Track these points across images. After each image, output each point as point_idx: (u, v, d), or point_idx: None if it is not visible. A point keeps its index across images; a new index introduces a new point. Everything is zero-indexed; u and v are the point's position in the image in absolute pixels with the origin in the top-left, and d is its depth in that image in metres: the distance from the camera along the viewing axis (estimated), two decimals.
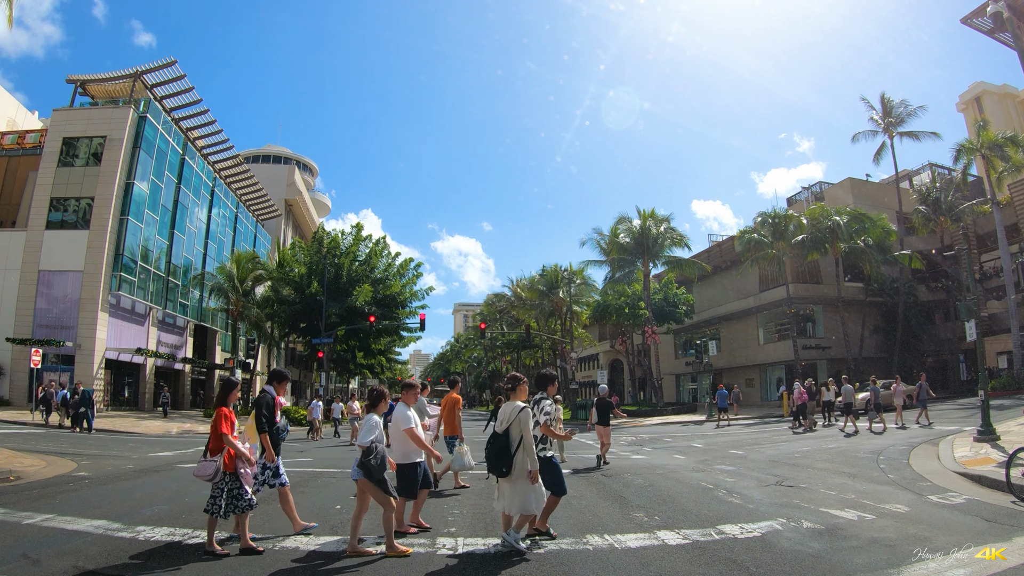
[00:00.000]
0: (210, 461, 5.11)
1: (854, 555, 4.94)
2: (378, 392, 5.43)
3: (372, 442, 5.02)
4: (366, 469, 4.97)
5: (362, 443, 5.02)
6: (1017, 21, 25.62)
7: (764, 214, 33.77)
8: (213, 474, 5.07)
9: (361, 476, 5.03)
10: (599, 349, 52.97)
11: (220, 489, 5.09)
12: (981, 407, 11.76)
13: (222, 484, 5.08)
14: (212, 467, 5.07)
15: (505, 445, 5.10)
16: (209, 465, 5.08)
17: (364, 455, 4.98)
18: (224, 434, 5.09)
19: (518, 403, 5.23)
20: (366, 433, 5.07)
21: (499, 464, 5.09)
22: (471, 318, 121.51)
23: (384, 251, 35.51)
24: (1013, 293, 27.52)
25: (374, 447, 5.01)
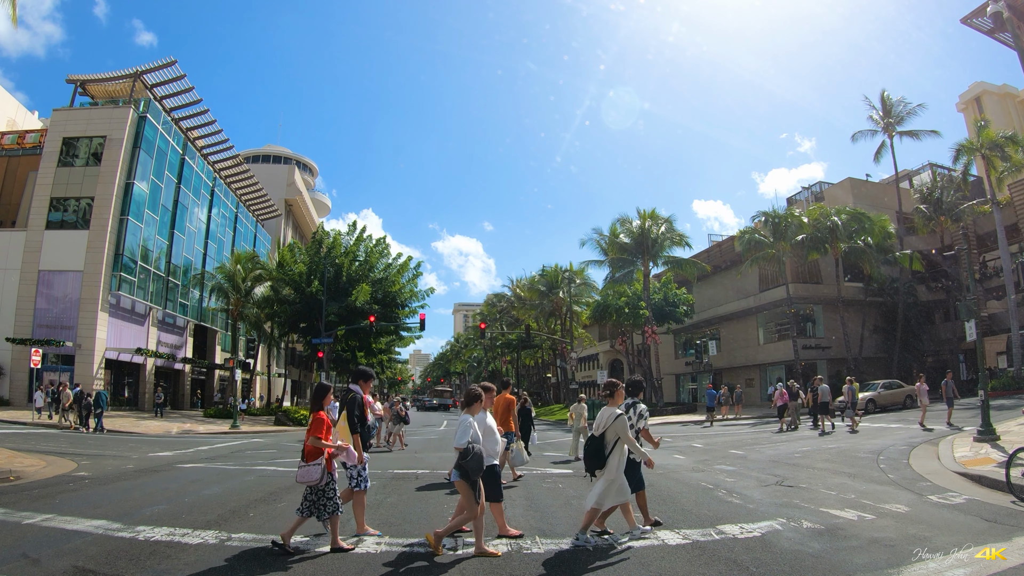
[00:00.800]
0: (314, 466, 5.19)
1: (854, 555, 4.94)
2: (474, 393, 5.36)
3: (468, 443, 5.00)
4: (463, 471, 4.98)
5: (459, 445, 5.00)
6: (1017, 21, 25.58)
7: (765, 213, 33.77)
8: (319, 479, 5.17)
9: (458, 478, 5.04)
10: (599, 349, 52.98)
11: (322, 491, 5.22)
12: (981, 407, 11.76)
13: (326, 488, 5.22)
14: (318, 471, 5.18)
15: (600, 447, 5.47)
16: (314, 470, 5.18)
17: (461, 457, 4.97)
18: (320, 438, 5.20)
19: (615, 410, 5.53)
20: (462, 435, 5.05)
21: (594, 464, 5.49)
22: (471, 318, 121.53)
23: (384, 251, 35.50)
24: (1013, 293, 27.52)
25: (470, 448, 4.99)
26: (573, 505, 7.35)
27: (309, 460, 5.22)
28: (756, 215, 34.67)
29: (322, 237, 36.86)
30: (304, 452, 5.28)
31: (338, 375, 47.36)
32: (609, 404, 5.61)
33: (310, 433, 5.26)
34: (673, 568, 4.69)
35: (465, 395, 5.40)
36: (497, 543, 5.38)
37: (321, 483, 5.20)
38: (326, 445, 5.23)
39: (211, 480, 9.72)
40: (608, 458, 5.40)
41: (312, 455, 5.23)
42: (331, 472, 5.28)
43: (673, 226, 35.25)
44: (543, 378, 60.84)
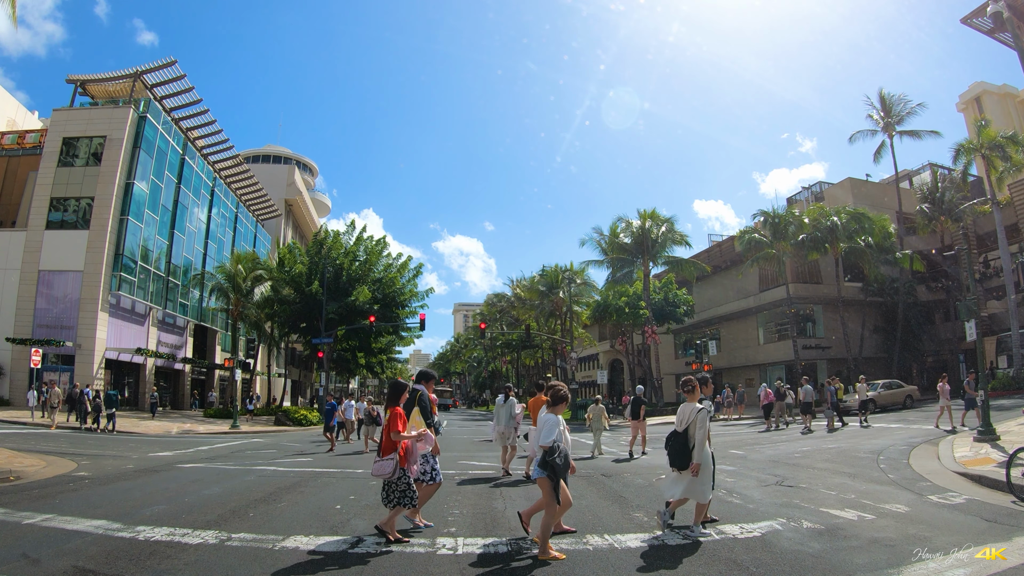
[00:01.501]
0: (387, 460, 5.40)
1: (854, 555, 4.93)
2: (562, 393, 5.40)
3: (554, 441, 5.04)
4: (551, 468, 4.99)
5: (544, 443, 5.02)
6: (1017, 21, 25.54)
7: (764, 213, 33.77)
8: (392, 472, 5.39)
9: (543, 475, 5.01)
10: (599, 349, 52.96)
11: (394, 484, 5.42)
12: (981, 407, 11.76)
13: (399, 480, 5.42)
14: (391, 465, 5.39)
15: (684, 442, 5.69)
16: (388, 464, 5.39)
17: (547, 454, 4.99)
18: (399, 432, 5.43)
19: (696, 404, 5.74)
20: (548, 433, 5.07)
21: (679, 459, 5.69)
22: (471, 318, 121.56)
23: (384, 251, 35.51)
24: (1013, 293, 27.51)
25: (556, 446, 5.03)
26: (573, 505, 7.32)
27: (384, 455, 5.45)
28: (756, 215, 34.70)
29: (322, 237, 36.87)
30: (380, 447, 5.52)
31: (338, 375, 47.39)
32: (688, 400, 5.85)
33: (388, 428, 5.49)
34: (673, 568, 4.69)
35: (552, 395, 5.38)
36: None
37: (393, 476, 5.42)
38: (405, 437, 5.46)
39: (211, 480, 9.72)
40: (693, 451, 5.63)
41: (387, 449, 5.45)
42: (404, 467, 5.46)
43: (673, 226, 35.27)
44: (543, 378, 60.86)
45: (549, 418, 5.20)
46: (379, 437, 17.36)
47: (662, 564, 4.80)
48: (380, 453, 5.51)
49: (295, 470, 11.04)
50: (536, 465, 5.12)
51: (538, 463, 5.08)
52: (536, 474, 5.09)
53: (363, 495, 8.20)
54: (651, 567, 4.72)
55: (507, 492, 8.34)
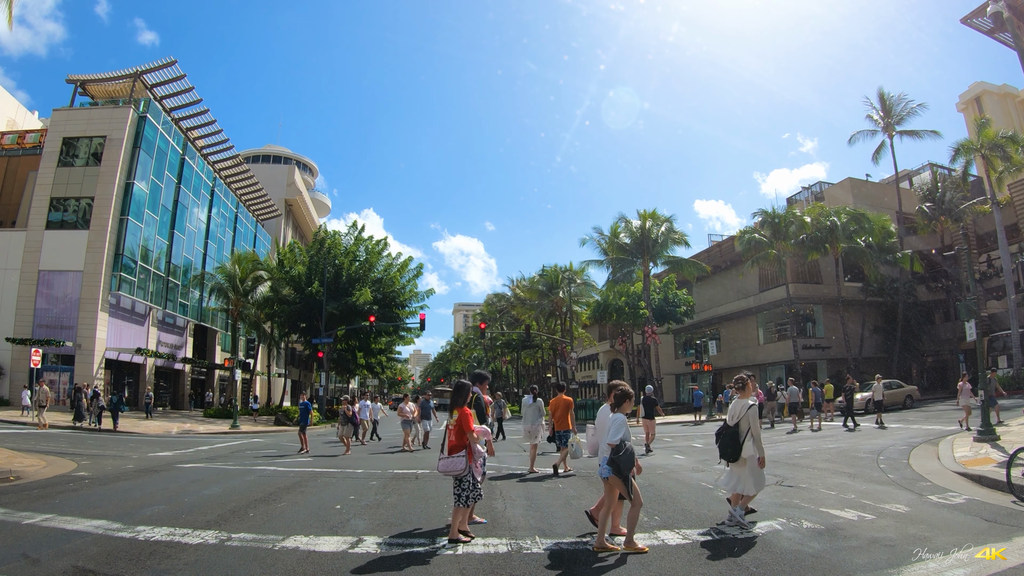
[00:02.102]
0: (458, 458, 5.52)
1: (854, 555, 4.93)
2: (626, 392, 5.49)
3: (621, 440, 5.17)
4: (616, 466, 5.11)
5: (612, 441, 5.13)
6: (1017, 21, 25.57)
7: (764, 213, 33.77)
8: (463, 470, 5.50)
9: (611, 473, 5.13)
10: (599, 349, 52.96)
11: (463, 482, 5.53)
12: (981, 407, 11.75)
13: (468, 478, 5.54)
14: (462, 463, 5.51)
15: (735, 436, 5.98)
16: (458, 461, 5.51)
17: (615, 452, 5.11)
18: (471, 432, 5.57)
19: (747, 400, 6.04)
20: (615, 431, 5.19)
21: (730, 452, 5.96)
22: (471, 318, 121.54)
23: (384, 251, 35.51)
24: (1013, 293, 27.51)
25: (623, 444, 5.15)
26: (573, 505, 7.35)
27: (452, 453, 5.56)
28: (756, 215, 34.72)
29: (322, 237, 36.87)
30: (447, 445, 5.63)
31: (338, 375, 47.36)
32: (740, 397, 6.16)
33: (457, 426, 5.60)
34: (673, 568, 4.69)
35: (615, 394, 5.46)
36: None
37: (464, 473, 5.53)
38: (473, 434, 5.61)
39: (211, 480, 9.72)
40: (743, 445, 5.92)
41: (455, 448, 5.56)
42: (471, 464, 5.57)
43: (673, 226, 35.28)
44: (543, 378, 60.81)
45: (618, 417, 5.31)
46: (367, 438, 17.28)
47: (662, 564, 4.79)
48: (446, 451, 5.62)
49: (295, 470, 11.04)
50: (604, 463, 5.23)
51: (606, 461, 5.18)
52: (604, 472, 5.21)
53: (363, 495, 8.20)
54: (650, 567, 4.72)
55: (507, 492, 8.34)
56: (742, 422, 5.98)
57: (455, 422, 5.64)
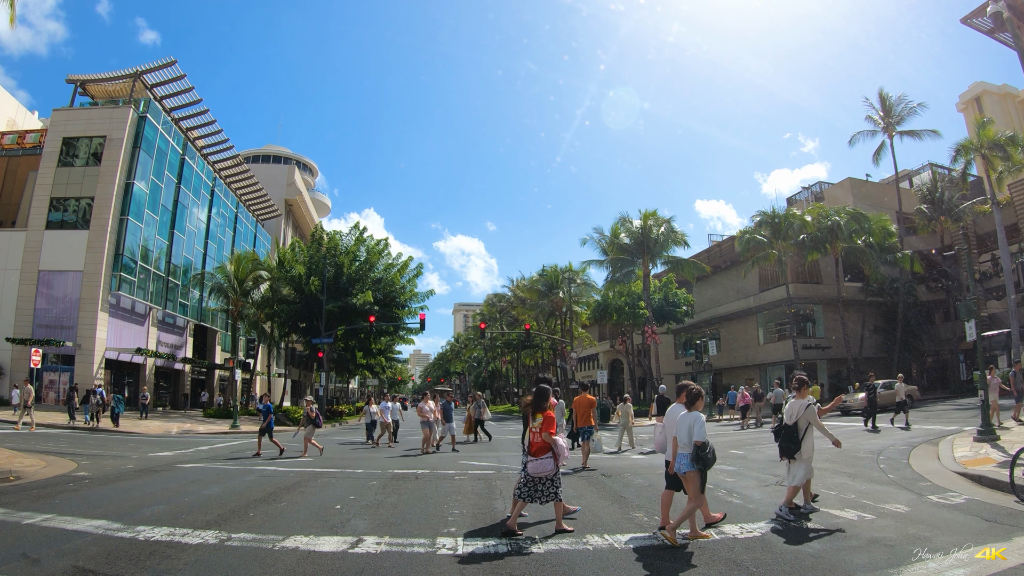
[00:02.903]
0: (546, 459, 5.81)
1: (854, 555, 4.93)
2: (697, 391, 5.74)
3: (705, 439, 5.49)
4: (703, 462, 5.41)
5: (699, 439, 5.41)
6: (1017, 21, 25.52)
7: (764, 214, 33.78)
8: (552, 470, 5.81)
9: (692, 469, 5.41)
10: (599, 349, 52.95)
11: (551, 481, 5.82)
12: (981, 407, 11.74)
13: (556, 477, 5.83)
14: (551, 464, 5.81)
15: (794, 433, 6.35)
16: (548, 463, 5.80)
17: (701, 449, 5.39)
18: (550, 434, 5.82)
19: (805, 400, 6.41)
20: (699, 429, 5.45)
21: (790, 448, 6.35)
22: (471, 318, 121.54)
23: (384, 251, 35.49)
24: (1013, 293, 27.50)
25: (706, 442, 5.45)
26: (572, 505, 7.34)
27: (539, 455, 5.83)
28: (757, 215, 34.72)
29: (322, 236, 36.85)
30: (532, 447, 5.90)
31: (338, 375, 47.34)
32: (797, 397, 6.50)
33: (543, 429, 5.85)
34: (673, 568, 4.69)
35: (688, 393, 5.71)
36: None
37: (554, 473, 5.81)
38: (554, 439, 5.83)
39: (211, 480, 9.72)
40: (802, 442, 6.31)
41: (542, 450, 5.82)
42: (558, 464, 5.85)
43: (673, 226, 35.24)
44: (538, 377, 60.77)
45: (699, 416, 5.57)
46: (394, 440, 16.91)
47: (661, 564, 4.80)
48: (532, 453, 5.88)
49: (295, 470, 11.04)
50: (683, 458, 5.49)
51: (691, 458, 5.43)
52: (686, 467, 5.46)
53: (363, 495, 8.20)
54: (650, 567, 4.72)
55: (507, 492, 8.33)
56: (800, 420, 6.36)
57: (539, 425, 5.87)
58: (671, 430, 5.74)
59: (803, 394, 6.48)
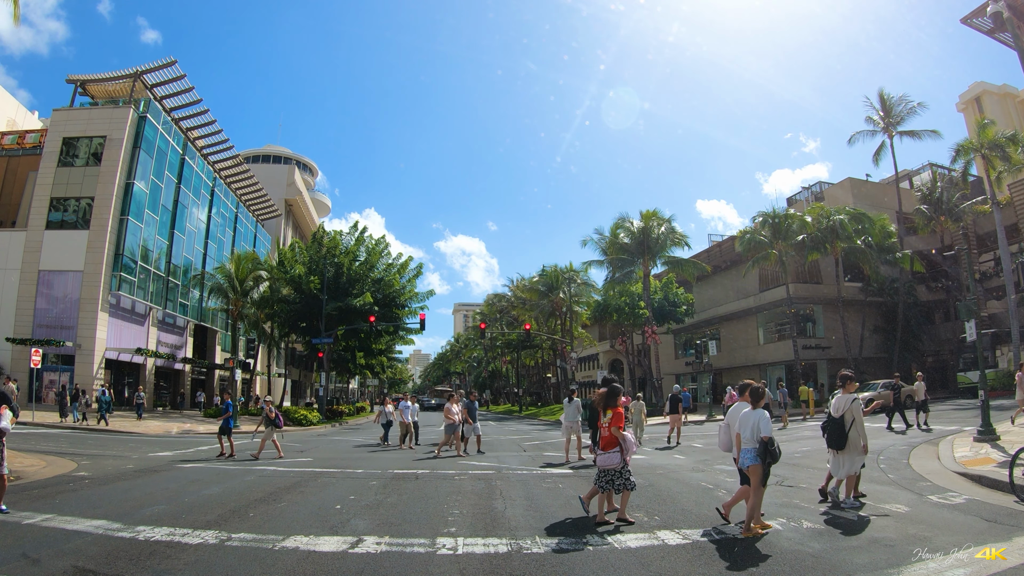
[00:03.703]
0: (613, 453, 6.14)
1: (854, 555, 4.94)
2: (761, 390, 6.03)
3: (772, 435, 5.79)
4: (772, 456, 5.71)
5: (766, 434, 5.71)
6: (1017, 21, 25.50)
7: (764, 214, 33.78)
8: (619, 464, 6.13)
9: (756, 463, 5.69)
10: (599, 349, 52.96)
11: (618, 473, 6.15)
12: (981, 407, 11.74)
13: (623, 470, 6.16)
14: (618, 458, 6.13)
15: (841, 426, 6.76)
16: (615, 456, 6.13)
17: (769, 444, 5.68)
18: (619, 428, 6.18)
19: (850, 395, 6.86)
20: (766, 425, 5.74)
21: (837, 441, 6.74)
22: (471, 318, 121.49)
23: (384, 250, 35.49)
24: (1013, 293, 27.50)
25: (772, 437, 5.74)
26: (573, 505, 7.34)
27: (608, 449, 6.16)
28: (757, 215, 34.71)
29: (322, 236, 36.85)
30: (601, 441, 6.25)
31: (338, 375, 47.34)
32: (843, 392, 6.93)
33: (612, 424, 6.21)
34: (673, 568, 4.69)
35: (751, 392, 5.99)
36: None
37: (620, 466, 6.13)
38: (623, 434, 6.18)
39: (211, 480, 9.72)
40: (848, 434, 6.69)
41: (611, 444, 6.15)
42: (624, 458, 6.16)
43: (674, 227, 35.21)
44: (543, 378, 60.81)
45: (764, 413, 5.85)
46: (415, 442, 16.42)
47: (662, 564, 4.79)
48: (601, 447, 6.25)
49: (295, 470, 11.04)
50: (747, 453, 5.78)
51: (757, 452, 5.71)
52: (750, 461, 5.72)
53: (363, 495, 8.20)
54: (650, 567, 4.72)
55: (507, 492, 8.34)
56: (847, 414, 6.74)
57: (609, 421, 6.21)
58: (735, 428, 6.04)
59: (848, 389, 6.90)
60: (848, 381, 7.00)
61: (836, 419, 6.84)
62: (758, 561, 4.81)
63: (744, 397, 6.05)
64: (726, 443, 6.35)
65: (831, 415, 6.91)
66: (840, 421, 6.80)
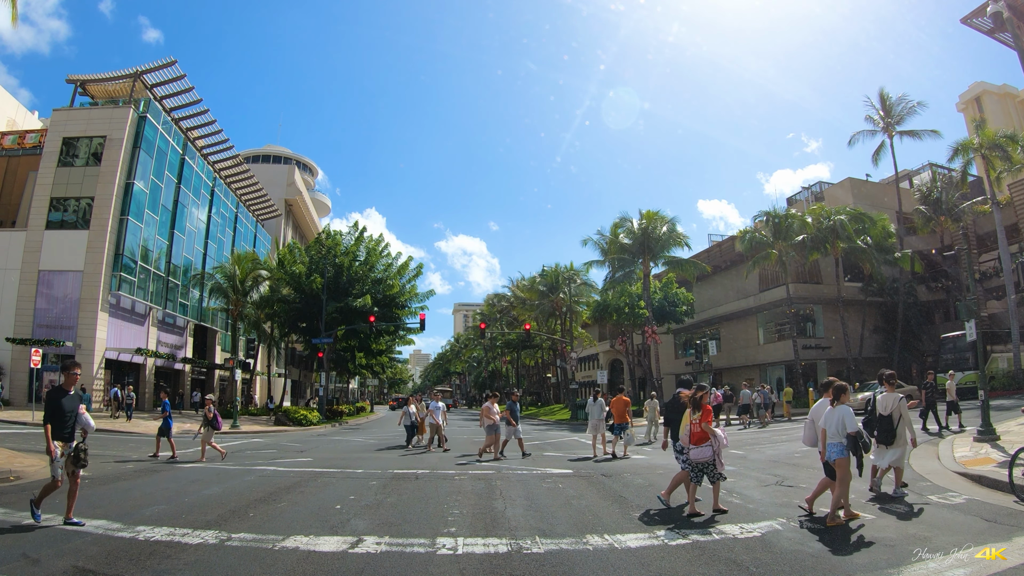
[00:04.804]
0: (705, 447, 6.63)
1: (854, 555, 4.94)
2: (843, 386, 6.32)
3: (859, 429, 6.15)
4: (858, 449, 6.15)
5: (852, 429, 6.05)
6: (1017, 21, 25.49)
7: (765, 213, 33.78)
8: (711, 457, 6.62)
9: (844, 456, 6.06)
10: (599, 349, 52.94)
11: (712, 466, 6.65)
12: (981, 407, 11.73)
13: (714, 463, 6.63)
14: (709, 451, 6.62)
15: (889, 423, 7.28)
16: (706, 450, 6.62)
17: (858, 438, 6.11)
18: (708, 424, 6.69)
19: (897, 394, 7.38)
20: (851, 421, 6.08)
21: (886, 436, 7.27)
22: (471, 318, 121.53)
23: (384, 251, 35.49)
24: (1013, 293, 27.49)
25: (860, 431, 6.14)
26: (573, 505, 7.35)
27: (699, 443, 6.64)
28: (758, 215, 34.70)
29: (322, 236, 36.84)
30: (692, 437, 6.71)
31: (338, 375, 47.32)
32: (888, 391, 7.40)
33: (702, 420, 6.69)
34: (673, 568, 4.69)
35: (835, 389, 6.31)
36: None
37: (712, 459, 6.60)
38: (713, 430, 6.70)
39: (211, 480, 9.71)
40: (896, 430, 7.22)
41: (702, 439, 6.65)
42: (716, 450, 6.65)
43: (675, 227, 35.21)
44: (543, 378, 60.78)
45: (848, 409, 6.15)
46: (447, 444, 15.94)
47: (661, 564, 4.79)
48: (693, 443, 6.70)
49: (295, 470, 11.04)
50: (834, 447, 6.11)
51: (840, 447, 6.07)
52: (838, 454, 6.07)
53: (363, 495, 8.20)
54: (650, 567, 4.72)
55: (507, 492, 8.34)
56: (895, 412, 7.27)
57: (699, 418, 6.71)
58: (819, 423, 6.39)
59: (893, 388, 7.41)
60: (893, 379, 7.46)
61: (885, 416, 7.34)
62: (758, 561, 4.81)
63: (827, 394, 6.37)
64: (811, 439, 6.76)
65: (880, 413, 7.37)
66: (889, 418, 7.33)
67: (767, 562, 4.78)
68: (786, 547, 5.19)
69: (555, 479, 9.65)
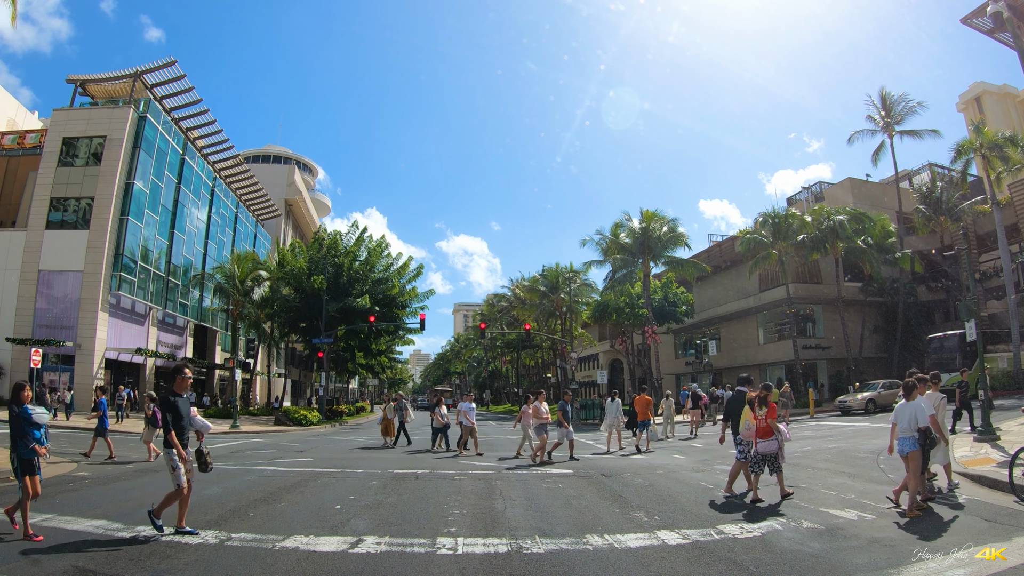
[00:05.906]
0: (771, 441, 7.21)
1: (854, 555, 4.94)
2: (912, 383, 6.73)
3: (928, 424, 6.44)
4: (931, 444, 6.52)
5: (923, 424, 6.36)
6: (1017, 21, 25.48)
7: (765, 214, 33.77)
8: (776, 449, 7.21)
9: (915, 449, 6.35)
10: (599, 349, 52.94)
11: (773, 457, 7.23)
12: (982, 407, 11.73)
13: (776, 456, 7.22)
14: (775, 444, 7.22)
15: None
16: (772, 443, 7.20)
17: (928, 433, 6.42)
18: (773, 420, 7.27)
19: (937, 395, 7.63)
20: (924, 416, 6.38)
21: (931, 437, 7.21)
22: (471, 318, 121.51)
23: (384, 251, 35.46)
24: (1013, 293, 27.48)
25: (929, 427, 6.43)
26: (573, 505, 7.35)
27: (766, 437, 7.19)
28: (758, 216, 34.71)
29: (322, 236, 36.82)
30: (759, 431, 7.23)
31: (338, 375, 47.31)
32: (933, 390, 7.63)
33: (768, 416, 7.23)
34: (673, 568, 4.69)
35: (904, 386, 6.84)
36: None
37: (776, 451, 7.20)
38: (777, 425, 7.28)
39: (211, 480, 9.69)
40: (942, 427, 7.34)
41: (768, 433, 7.19)
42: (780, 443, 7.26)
43: (675, 227, 35.20)
44: (543, 378, 60.78)
45: (918, 405, 6.51)
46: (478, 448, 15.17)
47: (661, 564, 4.79)
48: (759, 436, 7.22)
49: (295, 470, 11.04)
50: (911, 441, 6.39)
51: (912, 440, 6.37)
52: (909, 447, 6.37)
53: (363, 495, 8.20)
54: (650, 567, 4.72)
55: (507, 492, 8.34)
56: (938, 411, 7.47)
57: (765, 414, 7.24)
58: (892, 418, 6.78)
59: (936, 387, 7.73)
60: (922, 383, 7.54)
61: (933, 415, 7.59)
62: (758, 561, 4.81)
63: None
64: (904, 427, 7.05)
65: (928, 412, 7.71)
66: None
67: (767, 562, 4.78)
68: (786, 547, 5.19)
69: (555, 479, 9.65)
